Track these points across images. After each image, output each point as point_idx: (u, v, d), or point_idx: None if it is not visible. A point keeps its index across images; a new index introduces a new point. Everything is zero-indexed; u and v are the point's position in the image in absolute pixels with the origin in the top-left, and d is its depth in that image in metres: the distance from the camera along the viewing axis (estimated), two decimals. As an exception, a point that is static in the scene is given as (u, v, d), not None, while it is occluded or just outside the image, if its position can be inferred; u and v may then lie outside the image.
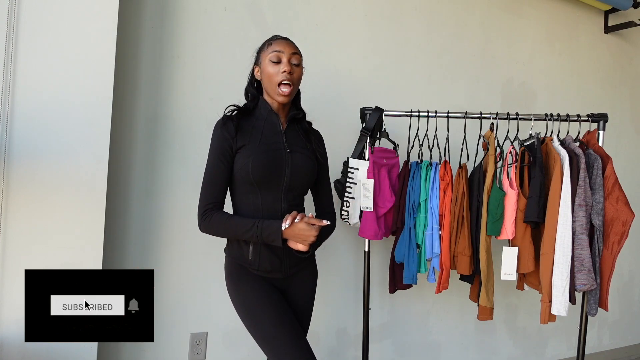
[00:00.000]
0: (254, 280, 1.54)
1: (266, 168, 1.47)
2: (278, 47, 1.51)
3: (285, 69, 1.48)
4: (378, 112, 2.18)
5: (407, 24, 2.67)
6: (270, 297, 1.51)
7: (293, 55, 1.52)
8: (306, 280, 1.65)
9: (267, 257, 1.51)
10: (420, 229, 2.16)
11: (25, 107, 1.68)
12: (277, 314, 1.48)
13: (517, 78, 3.01)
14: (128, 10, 2.01)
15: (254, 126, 1.54)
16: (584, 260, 1.99)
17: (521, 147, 2.14)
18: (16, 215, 1.67)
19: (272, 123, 1.56)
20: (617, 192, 2.05)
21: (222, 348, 2.21)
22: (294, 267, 1.57)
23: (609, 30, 3.36)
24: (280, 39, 1.56)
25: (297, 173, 1.51)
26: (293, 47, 1.54)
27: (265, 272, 1.54)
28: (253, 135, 1.52)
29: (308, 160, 1.55)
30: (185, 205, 2.14)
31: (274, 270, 1.53)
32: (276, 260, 1.52)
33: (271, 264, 1.52)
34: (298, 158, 1.53)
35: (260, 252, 1.51)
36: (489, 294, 2.07)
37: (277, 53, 1.50)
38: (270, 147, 1.51)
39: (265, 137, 1.52)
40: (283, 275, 1.56)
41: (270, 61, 1.50)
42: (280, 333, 1.45)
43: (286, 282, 1.59)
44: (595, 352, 3.33)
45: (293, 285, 1.61)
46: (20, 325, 1.39)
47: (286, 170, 1.50)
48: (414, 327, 2.72)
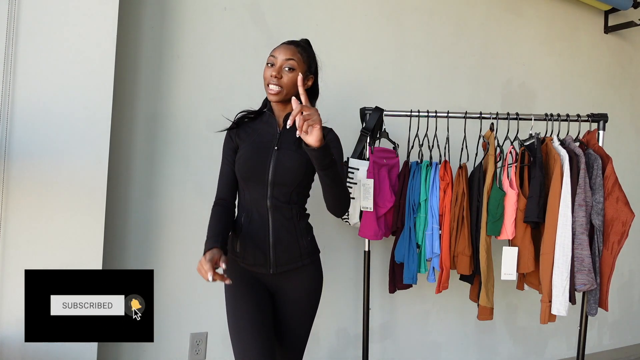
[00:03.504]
0: (241, 274, 1.57)
1: (249, 163, 1.54)
2: (274, 52, 1.57)
3: (273, 73, 1.53)
4: (378, 112, 2.19)
5: (407, 24, 2.67)
6: (249, 292, 1.55)
7: (287, 60, 1.55)
8: (299, 286, 1.61)
9: (252, 250, 1.55)
10: (420, 229, 2.17)
11: (25, 107, 1.68)
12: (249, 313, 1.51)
13: (517, 78, 3.01)
14: (128, 10, 2.01)
15: (254, 127, 1.62)
16: (584, 260, 1.99)
17: (521, 147, 2.15)
18: (16, 215, 1.67)
19: (269, 124, 1.62)
20: (617, 192, 2.05)
21: (222, 348, 2.21)
22: (281, 266, 1.55)
23: (609, 30, 3.35)
24: (283, 44, 1.60)
25: (280, 169, 1.53)
26: (289, 52, 1.56)
27: (250, 265, 1.57)
28: (250, 135, 1.61)
29: (295, 158, 1.55)
30: (185, 205, 2.14)
31: (257, 264, 1.56)
32: (260, 254, 1.54)
33: (255, 257, 1.55)
34: (284, 155, 1.55)
35: (246, 245, 1.55)
36: (489, 294, 2.08)
37: (272, 58, 1.56)
38: (259, 145, 1.57)
39: (260, 136, 1.60)
40: (267, 271, 1.56)
41: (267, 64, 1.57)
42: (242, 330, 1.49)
43: (276, 281, 1.58)
44: (595, 352, 3.33)
45: (284, 289, 1.60)
46: (20, 325, 1.39)
47: (270, 166, 1.53)
48: (414, 327, 2.72)
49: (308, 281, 1.63)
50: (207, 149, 2.16)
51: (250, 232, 1.55)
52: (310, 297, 1.65)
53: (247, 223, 1.55)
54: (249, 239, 1.55)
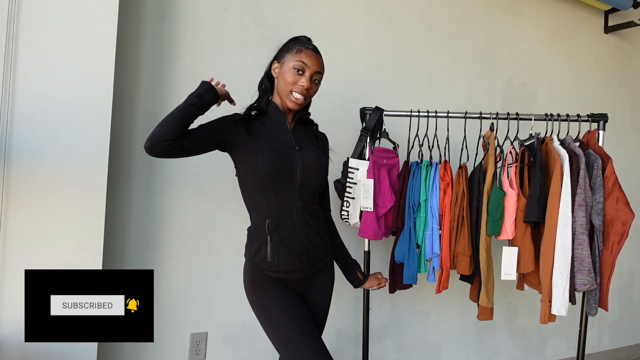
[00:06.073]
0: (274, 287, 1.52)
1: (276, 166, 1.47)
2: (307, 59, 1.50)
3: (305, 85, 1.49)
4: (378, 112, 2.18)
5: (407, 23, 2.67)
6: (291, 304, 1.50)
7: (318, 74, 1.54)
8: (325, 283, 1.65)
9: (286, 256, 1.49)
10: (420, 229, 2.16)
11: (25, 107, 1.68)
12: (298, 323, 1.48)
13: (517, 78, 3.01)
14: (128, 10, 2.01)
15: (264, 128, 1.54)
16: (583, 260, 1.99)
17: (521, 147, 2.14)
18: (16, 216, 1.67)
19: (279, 122, 1.56)
20: (617, 192, 2.05)
21: (222, 348, 2.21)
22: (312, 267, 1.56)
23: (609, 30, 3.35)
24: (312, 50, 1.54)
25: (308, 170, 1.51)
26: (320, 65, 1.54)
27: (286, 273, 1.51)
28: (259, 133, 1.52)
29: (318, 156, 1.56)
30: (185, 205, 2.14)
31: (293, 270, 1.51)
32: (295, 259, 1.50)
33: (291, 263, 1.50)
34: (308, 155, 1.53)
35: (279, 252, 1.49)
36: (489, 294, 2.07)
37: (303, 65, 1.50)
38: (278, 145, 1.51)
39: (272, 135, 1.53)
40: (302, 275, 1.54)
41: (294, 68, 1.50)
42: (302, 342, 1.44)
43: (305, 283, 1.58)
44: (595, 352, 3.33)
45: (312, 287, 1.61)
46: (21, 325, 1.40)
47: (297, 168, 1.50)
48: (414, 327, 2.72)
49: (329, 278, 1.67)
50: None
51: (282, 238, 1.49)
52: (330, 292, 1.69)
53: (275, 229, 1.48)
54: (281, 245, 1.49)
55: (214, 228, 2.20)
